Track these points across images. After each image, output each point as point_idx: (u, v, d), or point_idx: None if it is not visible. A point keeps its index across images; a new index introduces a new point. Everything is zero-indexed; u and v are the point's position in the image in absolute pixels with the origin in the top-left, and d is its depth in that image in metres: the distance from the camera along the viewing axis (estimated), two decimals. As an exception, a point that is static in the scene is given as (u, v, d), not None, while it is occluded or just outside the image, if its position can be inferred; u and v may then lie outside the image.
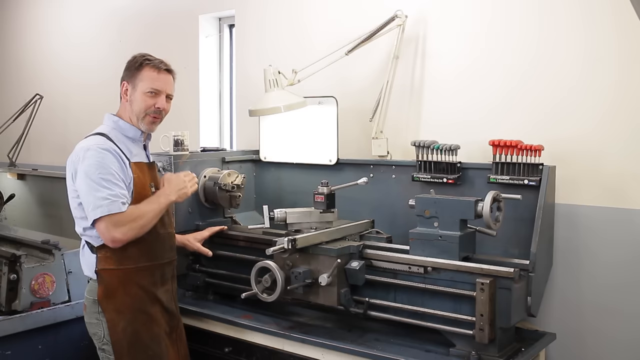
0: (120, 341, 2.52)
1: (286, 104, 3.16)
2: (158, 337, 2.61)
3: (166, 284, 2.67)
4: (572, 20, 2.85)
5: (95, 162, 2.44)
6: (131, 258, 2.51)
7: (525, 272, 2.51)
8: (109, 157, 2.46)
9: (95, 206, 2.41)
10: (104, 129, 2.60)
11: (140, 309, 2.56)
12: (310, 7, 3.76)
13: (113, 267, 2.50)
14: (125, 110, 2.63)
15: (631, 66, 2.71)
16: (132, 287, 2.54)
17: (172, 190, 2.63)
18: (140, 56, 2.61)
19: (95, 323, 2.56)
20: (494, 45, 3.06)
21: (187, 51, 4.42)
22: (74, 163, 2.49)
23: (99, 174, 2.42)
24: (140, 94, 2.57)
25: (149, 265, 2.57)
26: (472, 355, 2.41)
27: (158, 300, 2.61)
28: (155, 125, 2.65)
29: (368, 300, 2.64)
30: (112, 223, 2.40)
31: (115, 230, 2.41)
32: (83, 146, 2.50)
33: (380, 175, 3.20)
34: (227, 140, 4.54)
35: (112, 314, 2.51)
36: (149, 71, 2.58)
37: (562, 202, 2.85)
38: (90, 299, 2.57)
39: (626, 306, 2.76)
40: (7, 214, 4.69)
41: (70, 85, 5.51)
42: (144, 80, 2.57)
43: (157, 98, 2.59)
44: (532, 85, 2.96)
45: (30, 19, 5.99)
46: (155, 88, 2.58)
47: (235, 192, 3.25)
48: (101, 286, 2.51)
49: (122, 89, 2.63)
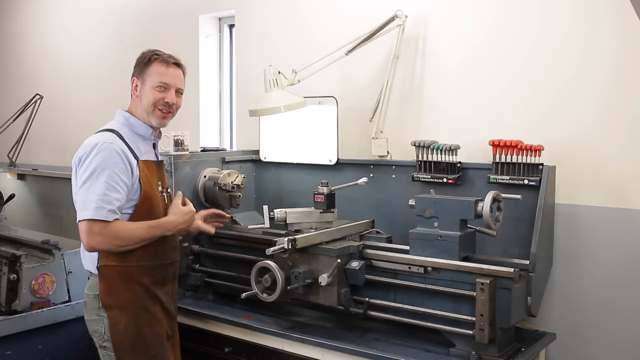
0: (121, 340, 2.48)
1: (286, 104, 3.15)
2: (161, 337, 2.57)
3: (167, 285, 2.64)
4: (571, 21, 2.85)
5: (98, 160, 2.40)
6: (133, 256, 2.47)
7: (525, 272, 2.51)
8: (113, 156, 2.42)
9: (82, 207, 2.37)
10: (115, 125, 2.56)
11: (142, 306, 2.52)
12: (310, 7, 3.76)
13: (115, 263, 2.46)
14: (136, 107, 2.60)
15: (631, 66, 2.71)
16: (134, 284, 2.50)
17: (174, 225, 2.56)
18: (149, 52, 2.59)
19: (95, 319, 2.52)
20: (494, 45, 3.06)
21: (187, 51, 4.41)
22: (79, 157, 2.45)
23: (98, 173, 2.38)
24: (149, 89, 2.55)
25: (151, 264, 2.54)
26: (472, 355, 2.41)
27: (159, 300, 2.58)
28: (166, 120, 2.61)
29: (368, 300, 2.64)
30: (93, 230, 2.36)
31: (92, 238, 2.37)
32: (91, 141, 2.45)
33: (380, 175, 3.20)
34: (227, 140, 4.55)
35: (114, 310, 2.47)
36: (157, 66, 2.55)
37: (562, 202, 2.85)
38: (90, 294, 2.52)
39: (626, 306, 2.76)
40: (7, 214, 4.69)
41: (70, 85, 5.51)
42: (152, 75, 2.54)
43: (167, 92, 2.56)
44: (532, 86, 2.96)
45: (30, 18, 5.99)
46: (164, 82, 2.55)
47: (235, 192, 3.25)
48: (102, 282, 2.48)
49: (132, 85, 2.60)
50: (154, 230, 2.50)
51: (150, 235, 2.48)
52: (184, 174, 3.26)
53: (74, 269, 3.25)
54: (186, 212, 2.61)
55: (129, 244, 2.43)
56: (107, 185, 2.38)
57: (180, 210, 2.60)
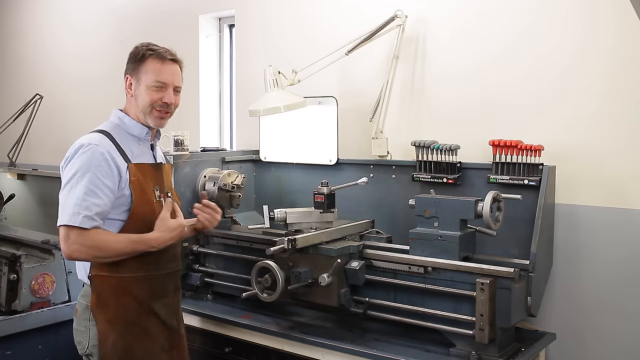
0: (109, 355, 2.30)
1: (286, 104, 3.15)
2: (151, 354, 2.38)
3: (166, 297, 2.44)
4: (571, 20, 2.85)
5: (81, 162, 2.24)
6: (127, 266, 2.30)
7: (525, 272, 2.51)
8: (97, 158, 2.25)
9: (62, 211, 2.22)
10: (107, 126, 2.40)
11: (133, 321, 2.34)
12: (310, 7, 3.76)
13: (107, 273, 2.30)
14: (131, 106, 2.42)
15: (631, 66, 2.71)
16: (126, 297, 2.33)
17: (159, 243, 2.33)
18: (143, 46, 2.39)
19: (82, 331, 2.35)
20: (494, 45, 3.06)
21: (187, 51, 4.38)
22: (65, 158, 2.30)
23: (79, 176, 2.22)
24: (144, 88, 2.35)
25: (146, 275, 2.35)
26: (472, 355, 2.41)
27: (154, 313, 2.39)
28: (164, 120, 2.43)
29: (368, 300, 2.64)
30: (70, 237, 2.19)
31: (68, 246, 2.20)
32: (79, 141, 2.31)
33: (380, 175, 3.20)
34: (227, 140, 4.54)
35: (103, 324, 2.30)
36: (152, 62, 2.35)
37: (562, 202, 2.85)
38: (83, 303, 2.37)
39: (626, 306, 2.76)
40: (7, 214, 4.69)
41: (70, 85, 5.50)
42: (147, 73, 2.35)
43: (164, 92, 2.37)
44: (532, 86, 2.95)
45: (30, 18, 5.99)
46: (161, 81, 2.36)
47: (235, 192, 3.25)
48: (94, 293, 2.32)
49: (125, 83, 2.41)
50: (136, 246, 2.29)
51: (131, 249, 2.28)
52: (184, 174, 3.26)
53: (74, 269, 3.20)
54: (173, 227, 2.37)
55: (106, 255, 2.25)
56: (87, 190, 2.21)
57: (167, 226, 2.35)
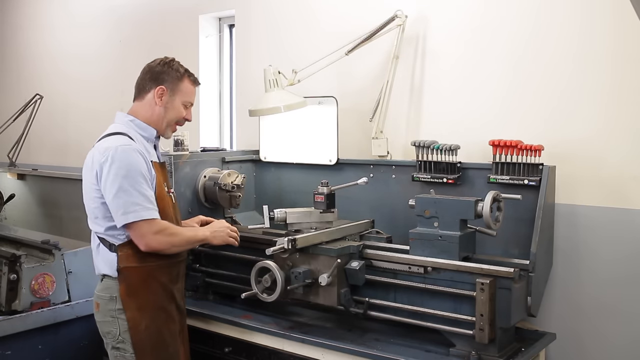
0: (142, 340, 2.51)
1: (286, 104, 3.16)
2: (175, 334, 2.63)
3: (179, 282, 2.69)
4: (572, 20, 2.85)
5: (125, 164, 2.41)
6: (153, 255, 2.50)
7: (525, 272, 2.51)
8: (137, 158, 2.45)
9: (126, 211, 2.40)
10: (122, 128, 2.55)
11: (160, 306, 2.57)
12: (310, 7, 3.76)
13: (136, 264, 2.49)
14: (146, 112, 2.60)
15: (631, 66, 2.71)
16: (154, 284, 2.54)
17: (211, 229, 2.73)
18: (180, 66, 2.65)
19: (109, 321, 2.53)
20: (494, 45, 3.06)
21: (187, 51, 4.42)
22: (100, 163, 2.42)
23: (130, 177, 2.41)
24: (179, 104, 2.63)
25: (169, 262, 2.58)
26: (472, 355, 2.41)
27: (174, 297, 2.63)
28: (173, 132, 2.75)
29: (368, 300, 2.64)
30: (152, 229, 2.44)
31: (152, 238, 2.44)
32: (109, 146, 2.44)
33: (380, 175, 3.20)
34: (227, 140, 4.55)
35: (134, 312, 2.50)
36: (189, 84, 2.66)
37: (562, 202, 2.85)
38: (105, 297, 2.53)
39: (626, 306, 2.76)
40: (7, 214, 4.69)
41: (70, 85, 5.51)
42: (184, 92, 2.63)
43: (188, 110, 2.69)
44: (532, 86, 2.96)
45: (31, 18, 5.99)
46: (191, 102, 2.69)
47: (235, 192, 3.26)
48: (123, 284, 2.50)
49: (156, 91, 2.58)
50: (198, 232, 2.69)
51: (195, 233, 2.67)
52: (184, 174, 3.26)
53: (74, 269, 3.25)
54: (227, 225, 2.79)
55: (180, 243, 2.57)
56: (142, 186, 2.44)
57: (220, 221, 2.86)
